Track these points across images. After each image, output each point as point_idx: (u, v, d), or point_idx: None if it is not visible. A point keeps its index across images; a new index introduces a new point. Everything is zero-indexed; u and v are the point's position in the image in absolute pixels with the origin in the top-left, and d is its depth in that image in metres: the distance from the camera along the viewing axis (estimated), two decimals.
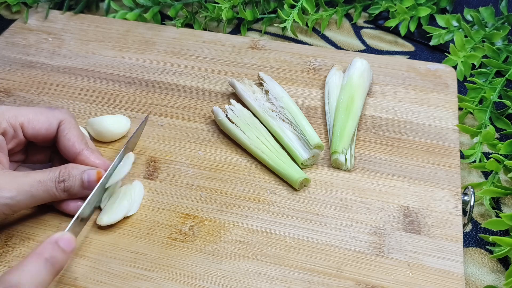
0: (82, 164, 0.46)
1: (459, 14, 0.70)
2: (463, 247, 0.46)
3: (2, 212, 0.41)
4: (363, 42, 0.73)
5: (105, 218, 0.46)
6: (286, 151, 0.52)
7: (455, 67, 0.63)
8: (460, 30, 0.69)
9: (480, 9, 0.71)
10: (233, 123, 0.53)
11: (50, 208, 0.48)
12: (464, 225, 0.48)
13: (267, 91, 0.56)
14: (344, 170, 0.51)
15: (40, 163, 0.49)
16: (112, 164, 0.47)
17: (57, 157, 0.49)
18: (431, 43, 0.70)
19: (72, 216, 0.43)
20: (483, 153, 0.56)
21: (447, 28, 0.70)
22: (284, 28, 0.73)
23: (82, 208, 0.43)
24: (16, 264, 0.37)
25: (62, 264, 0.39)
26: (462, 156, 0.56)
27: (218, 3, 0.69)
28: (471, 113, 0.60)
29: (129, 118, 0.56)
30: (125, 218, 0.47)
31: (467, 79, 0.63)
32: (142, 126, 0.52)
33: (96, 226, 0.46)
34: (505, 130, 0.58)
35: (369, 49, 0.71)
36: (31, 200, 0.42)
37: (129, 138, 0.50)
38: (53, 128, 0.46)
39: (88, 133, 0.54)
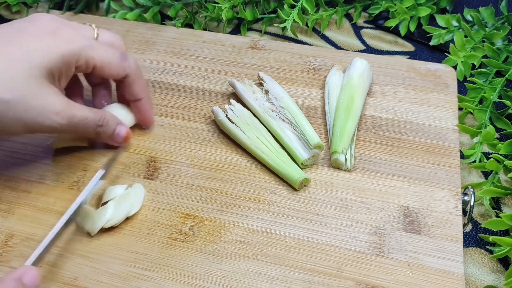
0: (138, 109, 0.53)
1: (459, 14, 0.70)
2: (463, 247, 0.46)
3: (48, 130, 0.45)
4: (363, 42, 0.73)
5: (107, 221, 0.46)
6: (286, 151, 0.52)
7: (455, 67, 0.63)
8: (460, 30, 0.69)
9: (480, 9, 0.71)
10: (233, 123, 0.53)
11: (50, 208, 0.48)
12: (464, 225, 0.48)
13: (267, 91, 0.56)
14: (344, 170, 0.52)
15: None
16: (88, 189, 0.47)
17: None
18: (431, 43, 0.70)
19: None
20: (483, 153, 0.56)
21: (447, 28, 0.70)
22: (284, 28, 0.73)
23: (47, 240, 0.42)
24: None
25: None
26: (462, 156, 0.56)
27: (218, 3, 0.69)
28: (471, 113, 0.60)
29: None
30: (126, 218, 0.47)
31: (467, 79, 0.63)
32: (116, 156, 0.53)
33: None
34: (505, 130, 0.58)
35: (369, 49, 0.71)
36: (72, 130, 0.47)
37: (107, 164, 0.50)
38: (119, 77, 0.50)
39: None
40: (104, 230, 0.46)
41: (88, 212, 0.46)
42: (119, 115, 0.52)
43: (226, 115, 0.54)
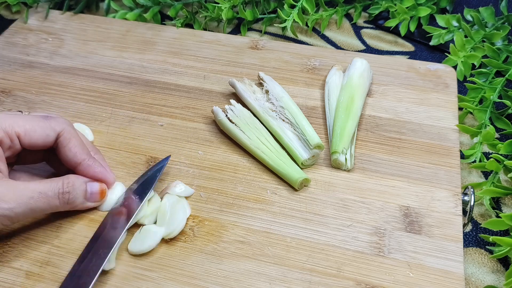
0: (84, 174, 0.46)
1: (459, 14, 0.70)
2: (463, 247, 0.46)
3: (0, 222, 0.40)
4: (363, 42, 0.73)
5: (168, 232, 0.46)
6: (286, 151, 0.52)
7: (455, 67, 0.63)
8: (460, 30, 0.69)
9: (480, 9, 0.71)
10: (233, 123, 0.53)
11: None
12: (464, 225, 0.48)
13: (267, 91, 0.56)
14: (344, 170, 0.51)
15: (33, 163, 0.48)
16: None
17: (53, 157, 0.48)
18: (431, 43, 0.70)
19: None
20: (483, 153, 0.56)
21: (447, 28, 0.70)
22: (284, 28, 0.73)
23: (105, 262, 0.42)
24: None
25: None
26: (462, 156, 0.56)
27: (218, 3, 0.69)
28: (471, 113, 0.60)
29: (129, 118, 0.56)
30: None
31: (467, 79, 0.63)
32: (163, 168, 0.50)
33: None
34: (505, 130, 0.58)
35: (369, 49, 0.71)
36: (30, 212, 0.42)
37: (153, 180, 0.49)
38: (51, 140, 0.45)
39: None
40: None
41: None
42: None
43: (226, 115, 0.54)
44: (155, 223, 0.47)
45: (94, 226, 0.47)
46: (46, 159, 0.49)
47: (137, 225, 0.46)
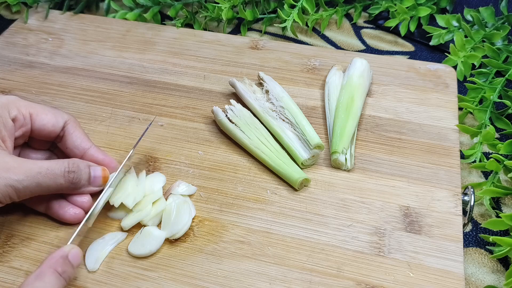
0: (90, 160, 0.47)
1: (459, 14, 0.70)
2: (463, 247, 0.46)
3: (8, 195, 0.41)
4: (363, 42, 0.73)
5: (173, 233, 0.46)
6: (286, 151, 0.52)
7: (455, 67, 0.63)
8: (460, 30, 0.69)
9: (480, 9, 0.71)
10: (233, 123, 0.53)
11: None
12: (464, 225, 0.48)
13: (267, 91, 0.56)
14: (344, 170, 0.51)
15: (40, 149, 0.49)
16: (118, 172, 0.47)
17: (58, 148, 0.49)
18: (431, 43, 0.70)
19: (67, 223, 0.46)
20: (483, 153, 0.56)
21: (447, 28, 0.70)
22: (284, 28, 0.73)
23: (84, 221, 0.43)
24: (29, 277, 0.38)
25: (71, 278, 0.40)
26: (462, 156, 0.56)
27: (218, 3, 0.69)
28: (471, 113, 0.60)
29: (129, 118, 0.56)
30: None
31: (467, 79, 0.63)
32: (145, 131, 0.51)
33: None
34: (505, 130, 0.58)
35: (369, 49, 0.71)
36: (37, 188, 0.42)
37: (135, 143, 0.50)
38: (59, 125, 0.47)
39: None
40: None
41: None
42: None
43: (226, 115, 0.54)
44: (158, 225, 0.47)
45: (94, 226, 0.47)
46: (52, 147, 0.50)
47: (138, 226, 0.46)
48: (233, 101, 0.56)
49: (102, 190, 0.46)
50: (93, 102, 0.59)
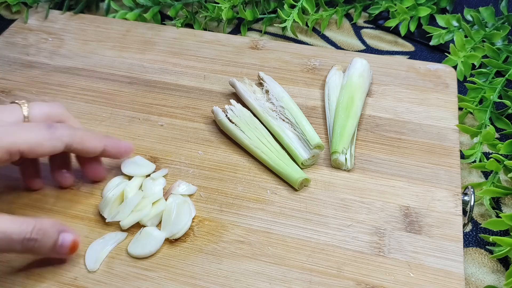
0: (111, 156, 0.47)
1: (459, 14, 0.70)
2: (463, 247, 0.46)
3: None
4: (363, 42, 0.73)
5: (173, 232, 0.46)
6: (286, 151, 0.52)
7: (455, 67, 0.63)
8: (460, 30, 0.69)
9: (480, 9, 0.71)
10: (233, 123, 0.53)
11: (50, 208, 0.48)
12: (464, 225, 0.48)
13: (267, 91, 0.56)
14: (344, 170, 0.51)
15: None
16: None
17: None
18: (431, 43, 0.70)
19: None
20: (483, 153, 0.56)
21: (447, 28, 0.70)
22: (284, 28, 0.73)
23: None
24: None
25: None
26: (462, 156, 0.56)
27: (218, 3, 0.69)
28: (471, 113, 0.60)
29: (129, 118, 0.56)
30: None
31: (467, 79, 0.63)
32: None
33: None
34: (505, 130, 0.58)
35: (369, 49, 0.71)
36: None
37: None
38: (59, 150, 0.42)
39: None
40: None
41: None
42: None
43: (226, 115, 0.54)
44: (158, 225, 0.47)
45: (94, 226, 0.47)
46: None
47: (138, 225, 0.46)
48: (233, 101, 0.56)
49: None
50: (93, 102, 0.59)
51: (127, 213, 0.46)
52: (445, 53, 0.68)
